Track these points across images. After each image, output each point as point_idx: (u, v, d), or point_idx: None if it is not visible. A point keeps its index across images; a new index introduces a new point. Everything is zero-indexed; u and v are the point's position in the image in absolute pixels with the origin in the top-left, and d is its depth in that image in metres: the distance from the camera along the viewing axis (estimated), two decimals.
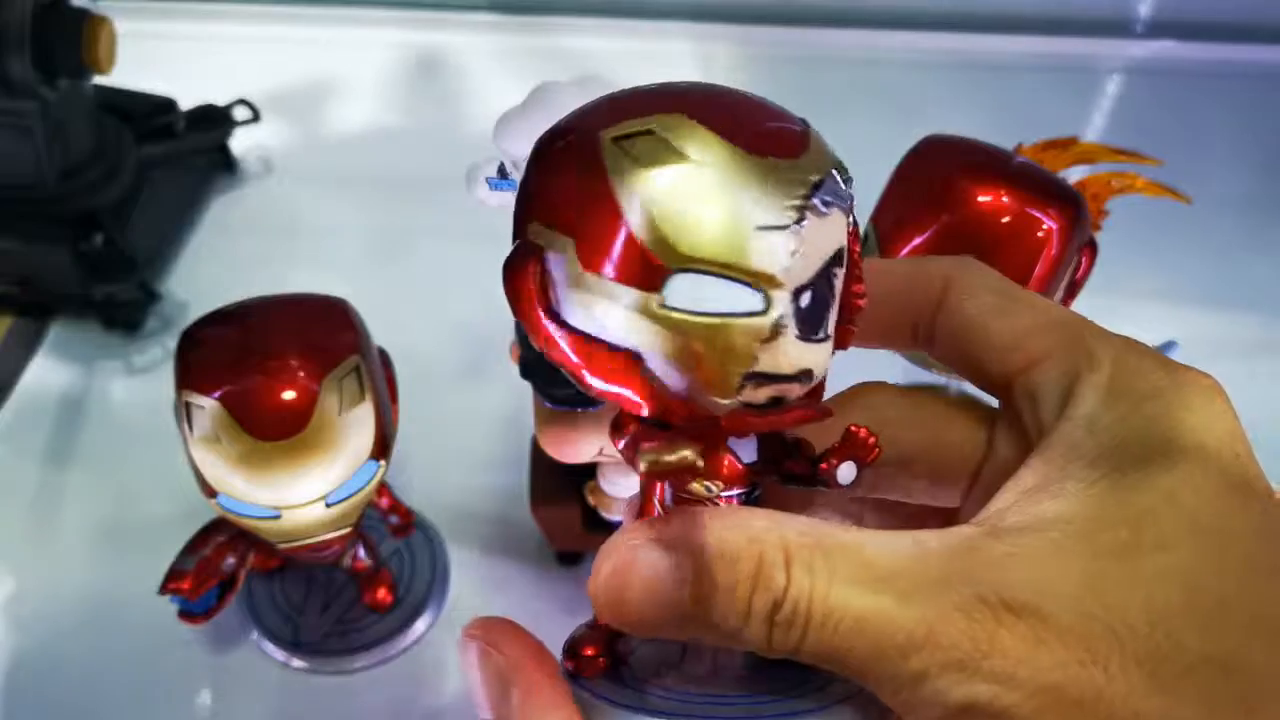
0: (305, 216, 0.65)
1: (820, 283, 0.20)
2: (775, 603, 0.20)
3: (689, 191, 0.19)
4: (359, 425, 0.38)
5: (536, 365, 0.39)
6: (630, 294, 0.19)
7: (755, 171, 0.19)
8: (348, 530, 0.40)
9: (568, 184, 0.20)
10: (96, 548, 0.49)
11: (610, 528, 0.44)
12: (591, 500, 0.44)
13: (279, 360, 0.37)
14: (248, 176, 0.67)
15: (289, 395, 0.36)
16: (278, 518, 0.38)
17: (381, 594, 0.46)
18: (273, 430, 0.36)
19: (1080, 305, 0.45)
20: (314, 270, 0.60)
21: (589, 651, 0.24)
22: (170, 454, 0.39)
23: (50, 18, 0.50)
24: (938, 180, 0.42)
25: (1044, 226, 0.40)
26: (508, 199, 0.38)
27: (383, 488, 0.46)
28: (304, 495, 0.37)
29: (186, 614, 0.41)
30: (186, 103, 0.63)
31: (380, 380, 0.40)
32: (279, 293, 0.40)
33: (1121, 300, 0.59)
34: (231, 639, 0.46)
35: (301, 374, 0.36)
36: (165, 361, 0.55)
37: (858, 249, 0.22)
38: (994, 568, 0.19)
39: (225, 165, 0.66)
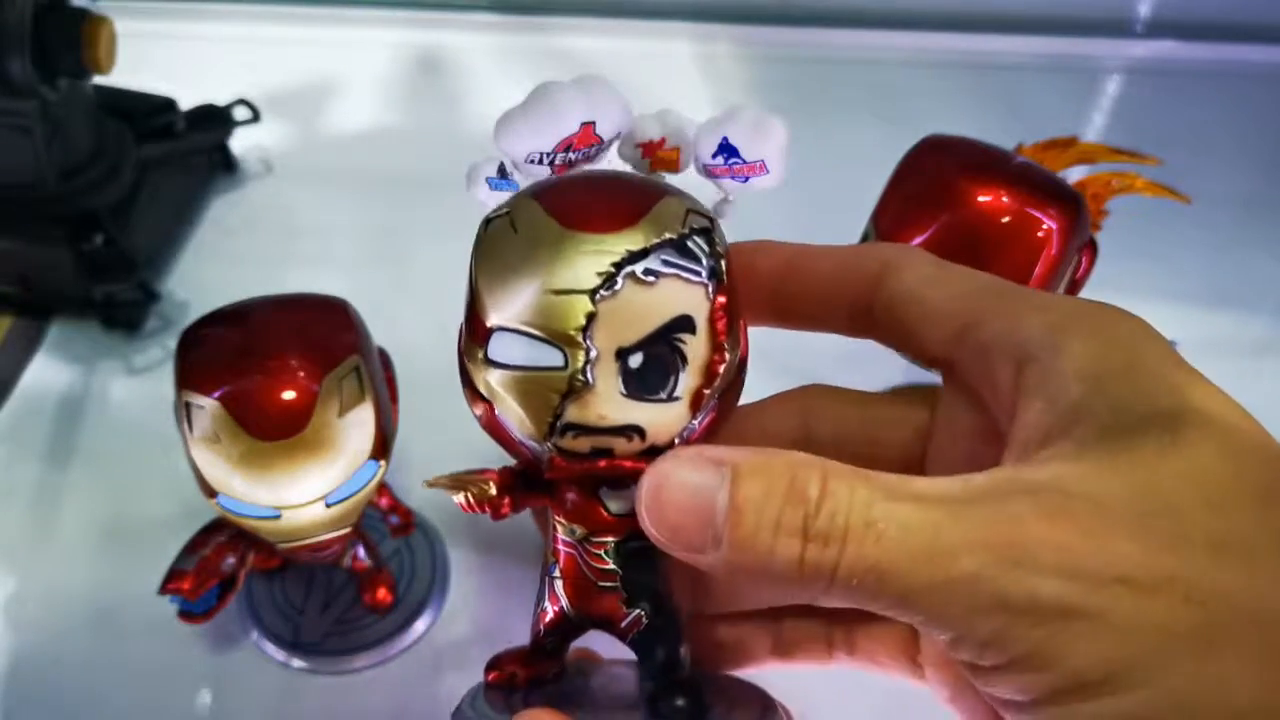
0: (305, 216, 0.65)
1: (656, 346, 0.22)
2: (807, 516, 0.19)
3: (506, 261, 0.23)
4: (359, 425, 0.38)
5: None
6: (477, 351, 0.23)
7: (567, 243, 0.22)
8: (348, 530, 0.40)
9: None
10: (96, 548, 0.49)
11: None
12: None
13: (279, 360, 0.37)
14: (248, 176, 0.67)
15: (289, 395, 0.36)
16: (278, 518, 0.38)
17: (381, 594, 0.46)
18: (273, 430, 0.36)
19: None
20: (314, 270, 0.60)
21: (510, 667, 0.27)
22: (170, 454, 0.39)
23: (50, 18, 0.50)
24: (938, 180, 0.42)
25: (1044, 226, 0.40)
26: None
27: (383, 488, 0.46)
28: (304, 495, 0.37)
29: (186, 614, 0.41)
30: (186, 103, 0.63)
31: (380, 380, 0.40)
32: (279, 293, 0.40)
33: (1121, 300, 0.58)
34: (231, 639, 0.46)
35: (301, 374, 0.36)
36: (165, 361, 0.55)
37: (723, 320, 0.23)
38: (1046, 483, 0.19)
39: (225, 165, 0.66)
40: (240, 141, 0.66)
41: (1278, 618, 0.18)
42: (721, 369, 0.23)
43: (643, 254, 0.22)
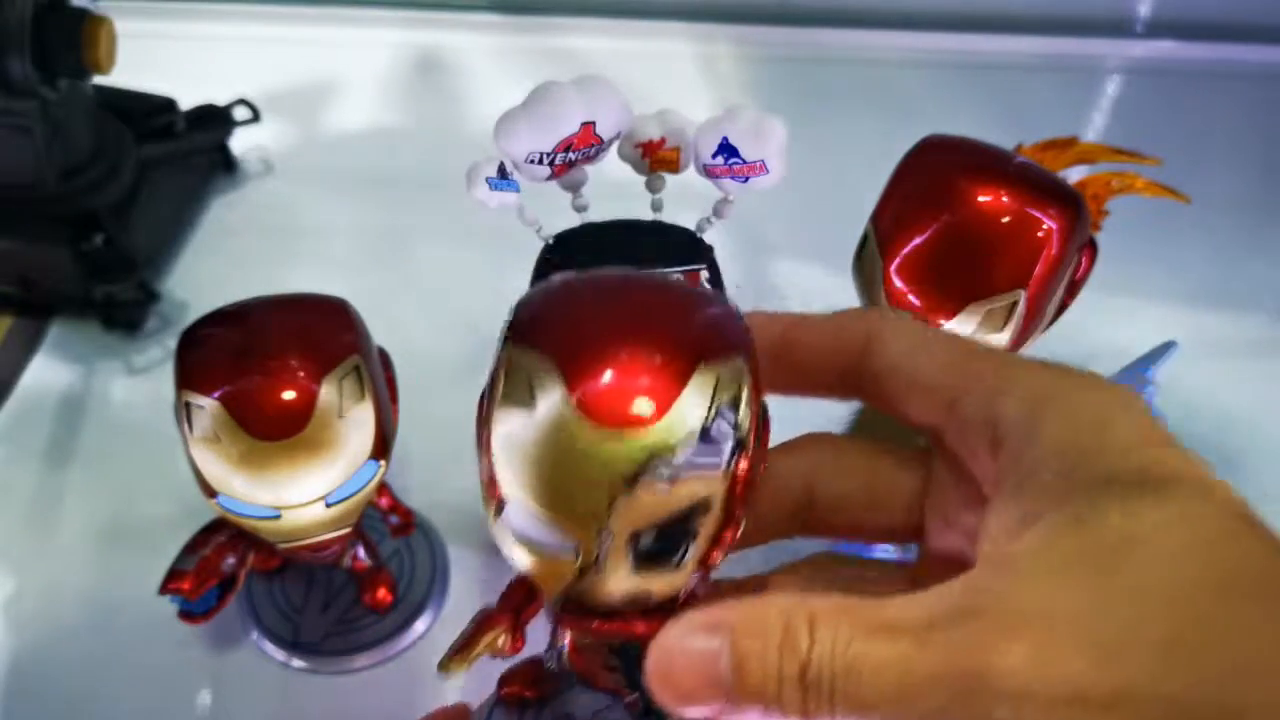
0: (305, 216, 0.65)
1: (669, 527, 0.22)
2: (802, 665, 0.20)
3: (524, 441, 0.22)
4: (359, 425, 0.38)
5: None
6: (491, 503, 0.23)
7: (587, 437, 0.21)
8: (347, 530, 0.40)
9: None
10: (96, 548, 0.49)
11: None
12: None
13: (279, 360, 0.37)
14: (248, 176, 0.67)
15: (289, 395, 0.36)
16: (278, 518, 0.38)
17: (381, 594, 0.46)
18: (273, 430, 0.36)
19: (1080, 305, 0.45)
20: (314, 270, 0.60)
21: (518, 686, 0.27)
22: (170, 454, 0.39)
23: (50, 18, 0.50)
24: (938, 180, 0.42)
25: (1044, 226, 0.40)
26: (508, 199, 0.38)
27: (383, 488, 0.46)
28: (304, 495, 0.37)
29: (186, 614, 0.41)
30: (186, 103, 0.63)
31: (380, 380, 0.40)
32: (279, 293, 0.40)
33: (1121, 300, 0.59)
34: (231, 639, 0.46)
35: (301, 374, 0.36)
36: (165, 361, 0.55)
37: (742, 493, 0.22)
38: (1001, 601, 0.20)
39: (225, 165, 0.66)
40: (240, 141, 0.66)
41: (1229, 714, 0.18)
42: (733, 537, 0.23)
43: (667, 451, 0.21)
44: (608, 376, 0.22)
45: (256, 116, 0.65)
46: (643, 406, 0.21)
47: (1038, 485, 0.21)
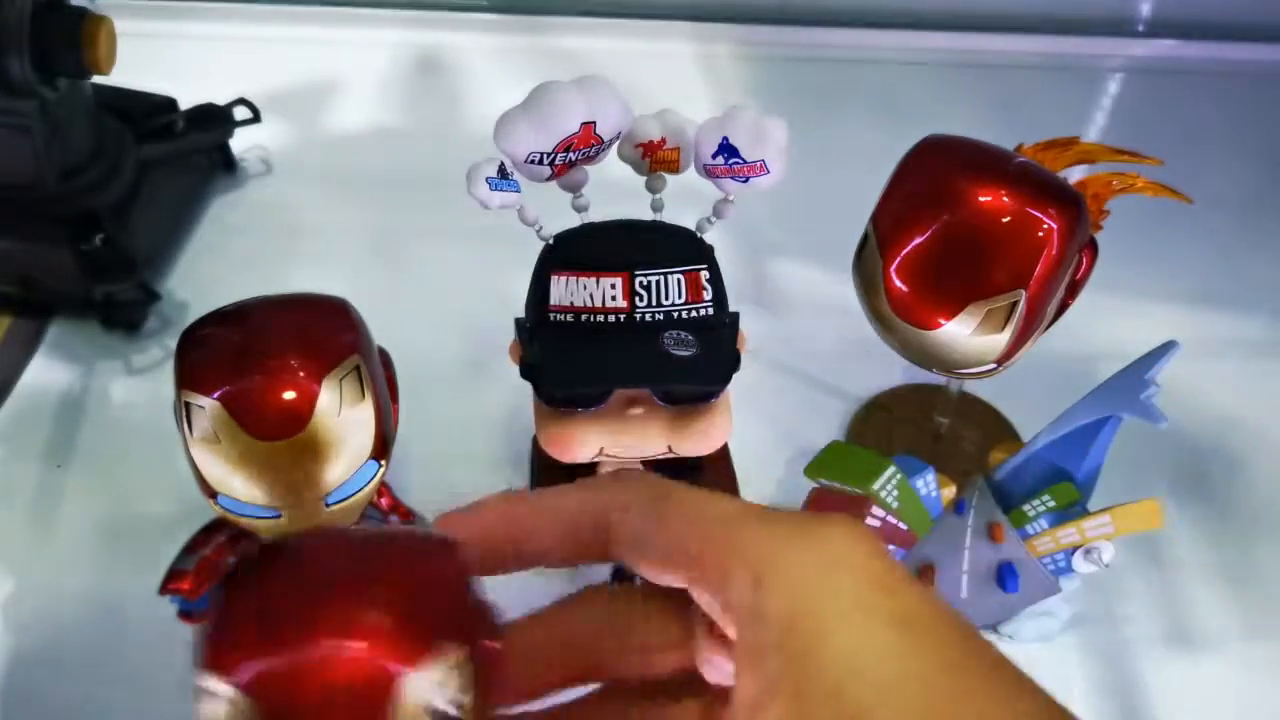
0: (305, 216, 0.65)
1: None
2: None
3: None
4: (359, 425, 0.38)
5: (537, 365, 0.39)
6: None
7: None
8: None
9: None
10: (96, 548, 0.49)
11: None
12: None
13: (279, 360, 0.37)
14: (248, 176, 0.67)
15: (289, 395, 0.36)
16: (278, 517, 0.38)
17: None
18: (272, 430, 0.36)
19: (1080, 305, 0.45)
20: (314, 270, 0.60)
21: None
22: (170, 454, 0.39)
23: (50, 18, 0.50)
24: (938, 180, 0.42)
25: (1044, 226, 0.40)
26: (508, 199, 0.38)
27: (383, 488, 0.46)
28: (304, 495, 0.37)
29: (186, 614, 0.41)
30: (186, 103, 0.63)
31: (380, 380, 0.39)
32: (279, 293, 0.40)
33: (1121, 300, 0.59)
34: None
35: (301, 374, 0.36)
36: (165, 361, 0.55)
37: None
38: None
39: (225, 165, 0.66)
40: (240, 141, 0.66)
41: None
42: None
43: None
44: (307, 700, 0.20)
45: (256, 116, 0.65)
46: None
47: (769, 672, 0.21)
